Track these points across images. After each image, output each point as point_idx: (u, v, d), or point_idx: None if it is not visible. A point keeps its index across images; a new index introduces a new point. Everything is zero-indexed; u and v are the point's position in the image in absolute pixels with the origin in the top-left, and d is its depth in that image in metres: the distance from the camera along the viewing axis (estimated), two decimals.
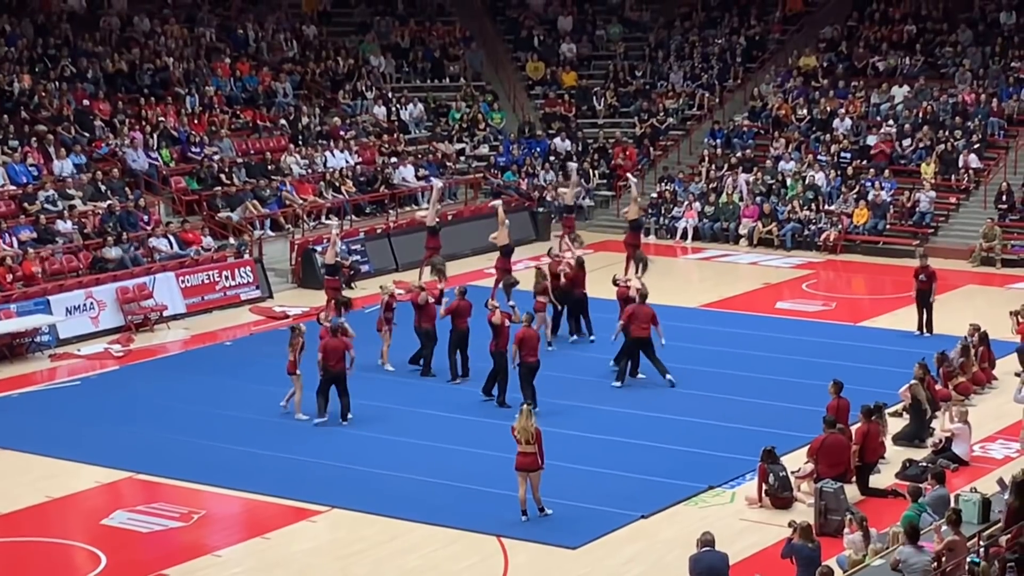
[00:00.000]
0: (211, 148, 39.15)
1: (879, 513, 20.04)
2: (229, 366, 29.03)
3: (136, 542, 20.52)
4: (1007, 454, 23.29)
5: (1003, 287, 35.07)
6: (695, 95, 46.77)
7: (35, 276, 32.10)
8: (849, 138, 43.03)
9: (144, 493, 22.29)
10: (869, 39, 46.22)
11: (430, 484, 22.26)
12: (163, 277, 33.46)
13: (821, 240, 39.94)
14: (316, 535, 20.76)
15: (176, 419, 25.65)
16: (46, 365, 29.95)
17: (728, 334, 30.80)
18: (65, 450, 24.05)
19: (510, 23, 50.15)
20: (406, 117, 45.25)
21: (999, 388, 26.67)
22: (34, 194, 34.94)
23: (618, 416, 25.18)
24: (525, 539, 20.19)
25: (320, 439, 24.42)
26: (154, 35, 42.89)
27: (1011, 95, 42.74)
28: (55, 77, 39.36)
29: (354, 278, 35.99)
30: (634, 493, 21.77)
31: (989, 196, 39.97)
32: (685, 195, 42.61)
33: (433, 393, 26.80)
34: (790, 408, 24.97)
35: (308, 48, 46.20)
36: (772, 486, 21.25)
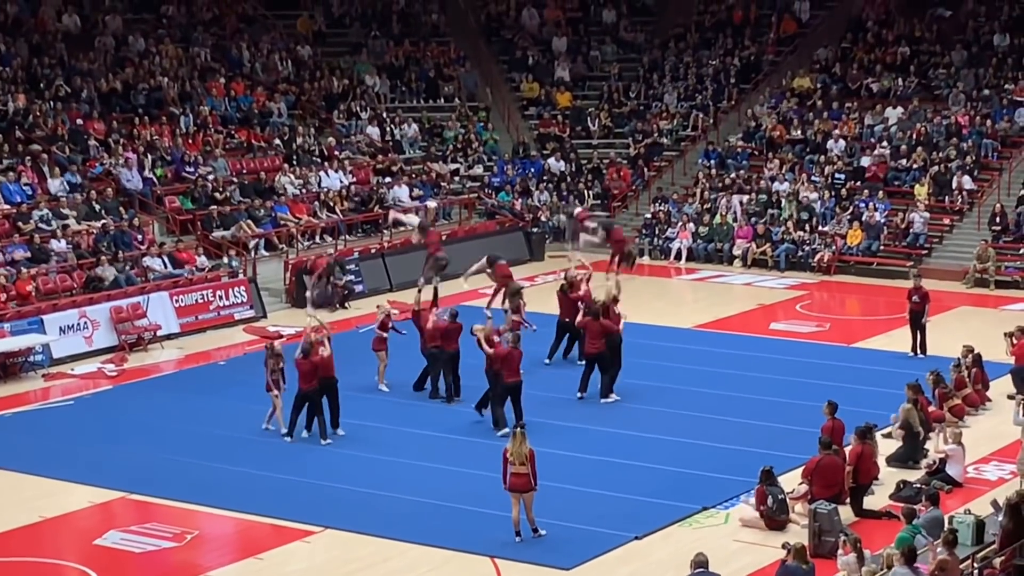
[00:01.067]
0: (205, 168, 39.18)
1: (873, 534, 20.03)
2: (223, 386, 29.02)
3: (129, 562, 20.48)
4: (1001, 476, 23.28)
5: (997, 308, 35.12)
6: (689, 116, 46.87)
7: (29, 295, 32.09)
8: (843, 159, 43.10)
9: (137, 513, 22.25)
10: (863, 61, 46.34)
11: (424, 504, 22.25)
12: (157, 297, 33.46)
13: (815, 261, 39.98)
14: (310, 555, 20.73)
15: (170, 439, 25.62)
16: (39, 384, 29.93)
17: (722, 355, 30.82)
18: (58, 470, 24.02)
19: (504, 44, 50.24)
20: (401, 137, 45.31)
21: (993, 409, 26.68)
22: (28, 213, 34.95)
23: (612, 436, 25.18)
24: (518, 560, 20.16)
25: (314, 459, 24.41)
26: (149, 55, 42.95)
27: (1004, 116, 42.84)
28: (50, 96, 39.41)
29: (348, 298, 36.03)
30: (628, 513, 21.75)
31: (983, 217, 40.03)
32: (679, 216, 42.67)
33: (427, 414, 26.78)
34: (784, 429, 24.98)
35: (303, 68, 46.27)
36: (770, 508, 21.23)
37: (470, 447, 24.78)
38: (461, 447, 24.88)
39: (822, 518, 20.28)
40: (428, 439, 25.37)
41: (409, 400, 27.67)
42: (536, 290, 36.29)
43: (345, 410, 25.54)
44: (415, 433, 25.67)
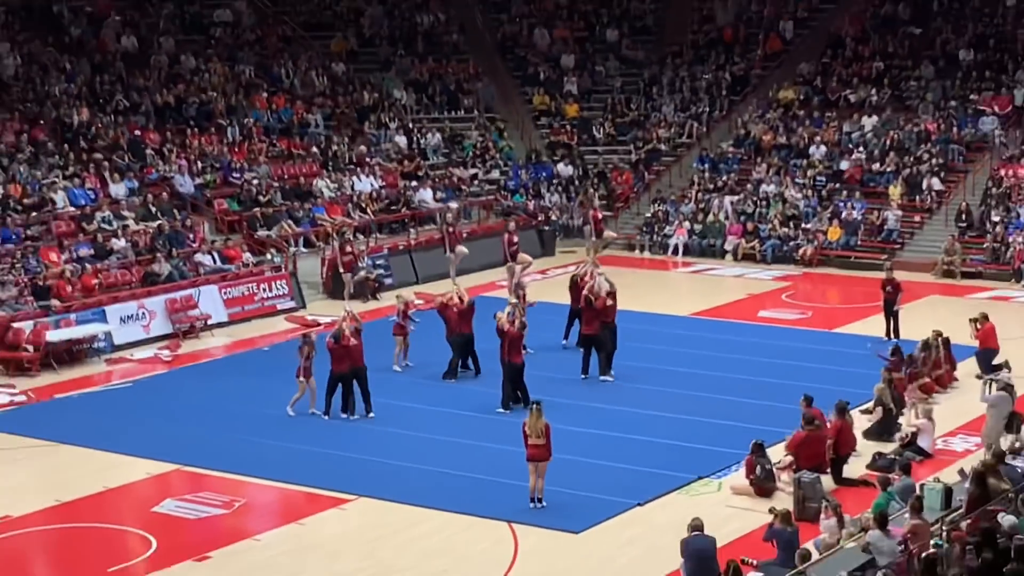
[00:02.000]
0: (250, 173, 39.22)
1: (852, 501, 20.03)
2: (267, 369, 29.07)
3: (183, 527, 20.57)
4: (967, 447, 23.28)
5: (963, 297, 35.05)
6: (685, 125, 46.79)
7: (93, 288, 32.16)
8: (824, 163, 43.03)
9: (191, 483, 22.33)
10: (841, 74, 46.23)
11: (448, 475, 22.28)
12: (207, 289, 33.51)
13: (799, 255, 39.93)
14: (346, 521, 20.78)
15: (219, 417, 25.70)
16: (102, 368, 30.02)
17: (715, 340, 30.81)
18: (120, 445, 24.12)
19: (518, 60, 50.19)
20: (425, 145, 45.31)
21: (959, 388, 26.65)
22: (92, 215, 35.03)
23: (616, 413, 25.20)
24: (533, 524, 20.20)
25: (350, 435, 24.46)
26: (199, 72, 43.00)
27: (969, 124, 42.73)
28: (110, 110, 39.49)
29: (378, 290, 36.08)
30: (631, 483, 21.78)
31: (950, 215, 39.95)
32: (676, 215, 42.64)
33: (450, 394, 26.82)
34: (771, 406, 24.96)
35: (337, 83, 46.28)
36: (758, 477, 21.25)
37: (489, 423, 24.81)
38: (481, 424, 24.90)
39: (806, 486, 20.29)
40: (452, 416, 25.40)
41: (431, 382, 27.69)
42: (548, 282, 36.32)
43: (376, 391, 25.57)
44: (440, 411, 25.71)
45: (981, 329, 27.60)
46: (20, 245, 33.01)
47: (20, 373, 29.04)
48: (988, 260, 38.11)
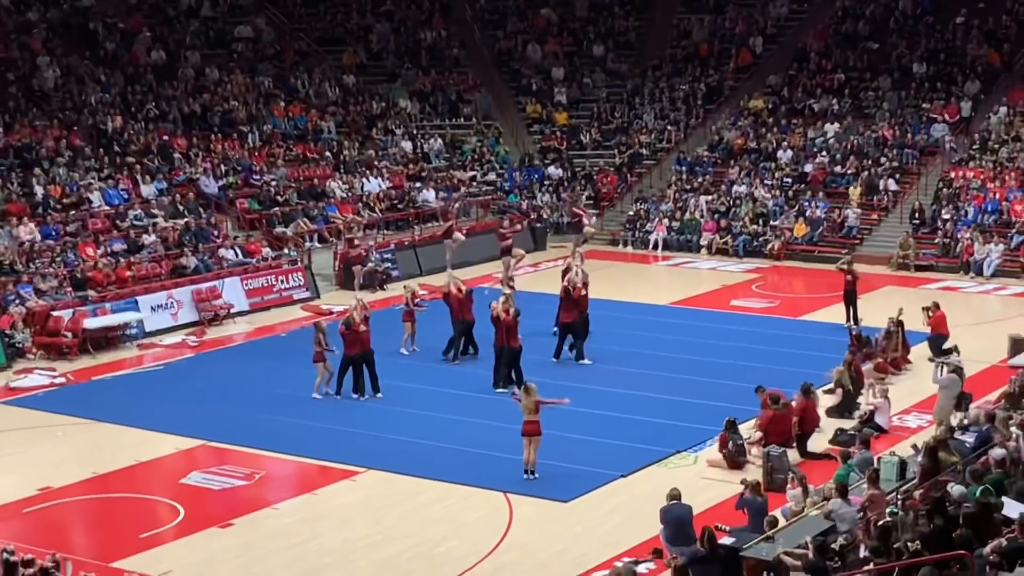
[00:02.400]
0: (269, 175, 39.15)
1: (816, 473, 20.03)
2: (284, 353, 29.04)
3: (208, 497, 20.57)
4: (920, 424, 23.29)
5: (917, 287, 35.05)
6: (664, 131, 46.73)
7: (126, 280, 32.13)
8: (790, 166, 43.00)
9: (215, 457, 22.32)
10: (806, 85, 46.16)
11: (449, 449, 22.28)
12: (230, 281, 33.46)
13: (767, 249, 39.90)
14: (356, 491, 20.77)
15: (241, 397, 25.68)
16: (134, 353, 29.98)
17: (692, 326, 30.80)
18: (150, 422, 24.10)
19: (513, 73, 50.10)
20: (428, 149, 45.24)
21: (913, 371, 26.65)
22: (125, 213, 34.97)
23: (602, 393, 25.17)
24: (526, 494, 20.20)
25: (360, 413, 24.44)
26: (222, 83, 42.89)
27: (922, 131, 42.69)
28: (141, 118, 39.37)
29: (386, 281, 36.05)
30: (615, 457, 21.78)
31: (904, 213, 39.93)
32: (656, 213, 42.59)
33: (451, 375, 26.79)
34: (742, 387, 24.80)
35: (348, 93, 46.18)
36: (731, 451, 21.24)
37: (485, 402, 24.79)
38: (478, 403, 24.88)
39: (774, 459, 20.30)
40: (451, 396, 25.36)
41: (434, 364, 27.67)
42: (540, 274, 36.28)
43: (384, 373, 25.54)
44: (442, 392, 25.67)
45: (933, 316, 27.61)
46: (59, 241, 32.96)
47: (60, 357, 29.01)
48: (939, 254, 38.09)
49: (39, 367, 28.32)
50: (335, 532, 19.15)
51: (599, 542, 18.46)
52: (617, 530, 18.92)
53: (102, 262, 32.23)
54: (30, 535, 18.62)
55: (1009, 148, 40.72)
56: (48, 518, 19.84)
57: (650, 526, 18.09)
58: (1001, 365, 26.41)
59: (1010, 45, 44.40)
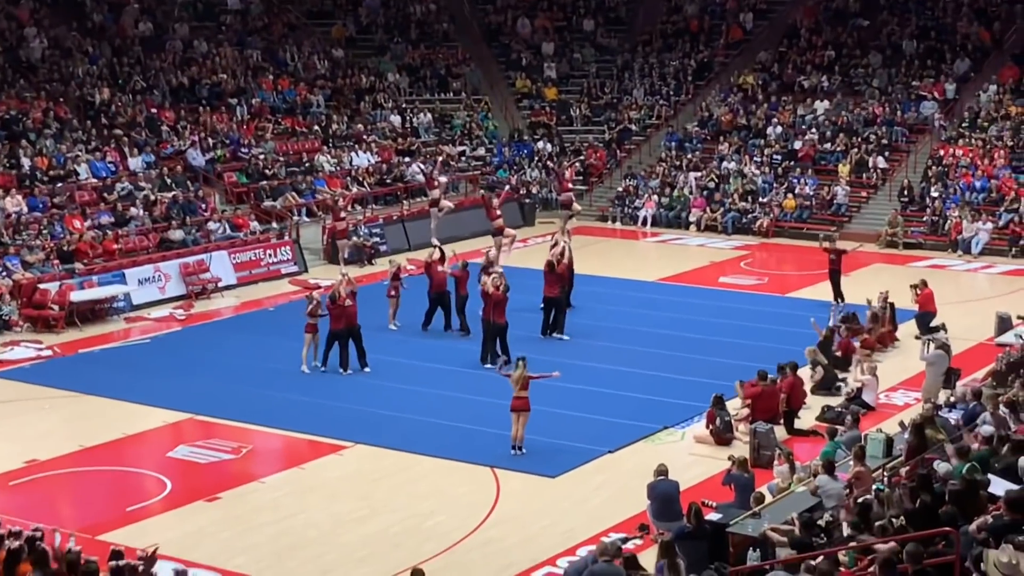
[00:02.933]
0: (257, 149, 39.04)
1: (802, 449, 20.10)
2: (272, 327, 29.03)
3: (195, 471, 20.57)
4: (907, 401, 23.35)
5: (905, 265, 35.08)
6: (654, 107, 46.67)
7: (113, 253, 32.07)
8: (780, 143, 42.98)
9: (202, 431, 22.32)
10: (796, 62, 46.12)
11: (436, 425, 22.29)
12: (218, 255, 33.41)
13: (756, 226, 39.92)
14: (343, 465, 20.80)
15: (228, 371, 25.66)
16: (122, 326, 29.93)
17: (680, 303, 30.83)
18: (137, 395, 24.09)
19: (503, 47, 49.97)
20: (417, 124, 45.13)
21: (900, 348, 26.72)
22: (112, 186, 34.86)
23: (590, 369, 25.18)
24: (514, 469, 20.23)
25: (347, 387, 24.43)
26: (210, 56, 42.72)
27: (911, 108, 42.70)
28: (129, 90, 39.22)
29: (374, 256, 36.01)
30: (602, 432, 21.81)
31: (893, 191, 39.96)
32: (645, 189, 42.57)
33: (437, 350, 26.77)
34: (730, 363, 24.96)
35: (337, 67, 46.03)
36: (717, 427, 21.28)
37: (473, 377, 24.80)
38: (466, 378, 24.89)
39: (761, 436, 20.34)
40: (439, 371, 25.36)
41: (422, 338, 27.67)
42: (529, 250, 36.25)
43: (371, 348, 25.52)
44: (428, 366, 25.67)
45: (921, 294, 27.67)
46: (47, 213, 32.86)
47: (47, 330, 28.95)
48: (927, 232, 38.15)
49: (26, 339, 28.27)
50: (322, 506, 19.16)
51: (586, 517, 18.50)
52: (604, 506, 18.96)
53: (89, 235, 32.14)
54: (16, 508, 18.59)
55: (998, 126, 40.76)
56: (34, 491, 19.82)
57: (637, 502, 18.14)
58: (988, 343, 26.50)
59: (1000, 23, 44.38)
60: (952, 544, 12.74)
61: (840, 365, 24.84)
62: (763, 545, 15.18)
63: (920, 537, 12.97)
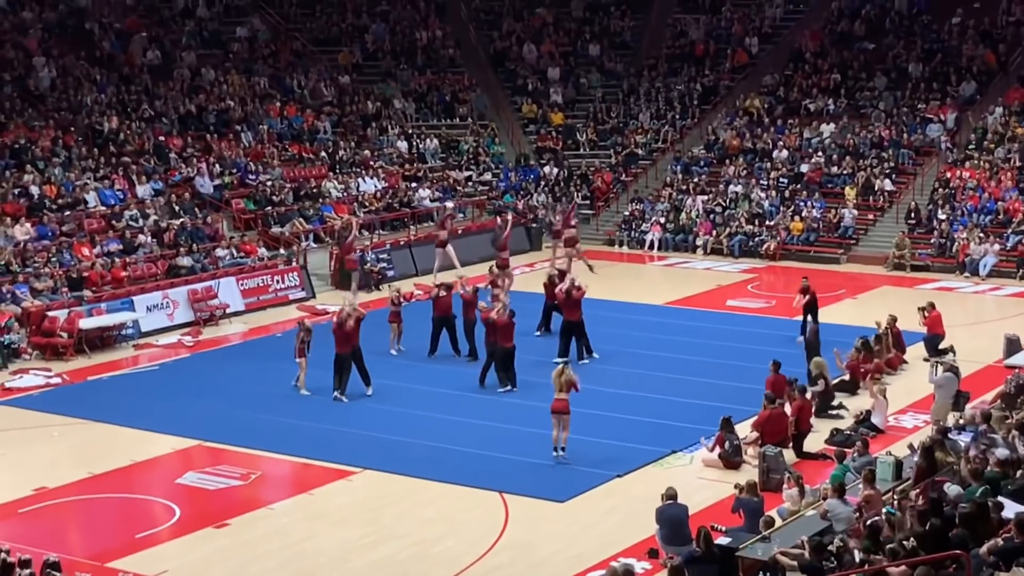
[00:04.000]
0: (265, 175, 39.13)
1: (812, 472, 20.05)
2: (280, 353, 28.93)
3: (204, 497, 20.54)
4: (916, 424, 23.29)
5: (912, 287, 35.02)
6: (660, 131, 46.74)
7: (122, 280, 32.10)
8: (786, 166, 43.01)
9: (211, 457, 22.30)
10: (802, 85, 46.19)
11: (444, 449, 22.26)
12: (226, 281, 33.44)
13: (763, 250, 39.91)
14: (352, 491, 20.76)
15: (237, 397, 25.66)
16: (130, 353, 29.95)
17: (687, 326, 30.80)
18: (146, 422, 24.09)
19: (509, 73, 50.11)
20: (424, 149, 45.23)
21: (909, 370, 26.65)
22: (120, 213, 34.94)
23: (598, 393, 25.06)
24: (522, 494, 20.19)
25: (354, 413, 24.41)
26: (218, 83, 42.87)
27: (917, 131, 42.72)
28: (137, 118, 39.34)
29: (381, 281, 36.04)
30: (611, 456, 21.77)
31: (900, 213, 39.95)
32: (652, 213, 42.59)
33: (444, 375, 26.75)
34: (738, 387, 24.95)
35: (343, 93, 46.16)
36: (727, 451, 21.23)
37: (481, 402, 24.78)
38: (473, 402, 24.87)
39: (770, 459, 20.29)
40: (446, 396, 25.34)
41: (428, 364, 27.65)
42: (535, 274, 36.24)
43: (378, 373, 25.52)
44: (436, 391, 25.65)
45: (928, 316, 27.62)
46: (55, 241, 32.93)
47: (56, 357, 28.97)
48: (935, 254, 38.11)
49: (35, 367, 28.29)
50: (331, 532, 19.12)
51: (595, 542, 18.45)
52: (613, 530, 18.89)
53: (98, 262, 32.18)
54: (26, 536, 18.57)
55: (1005, 148, 40.76)
56: (45, 518, 19.81)
57: (646, 526, 18.08)
58: (997, 365, 26.44)
59: (1006, 46, 44.44)
60: (963, 567, 12.70)
61: (848, 388, 24.78)
62: (773, 569, 15.15)
63: (931, 560, 12.93)
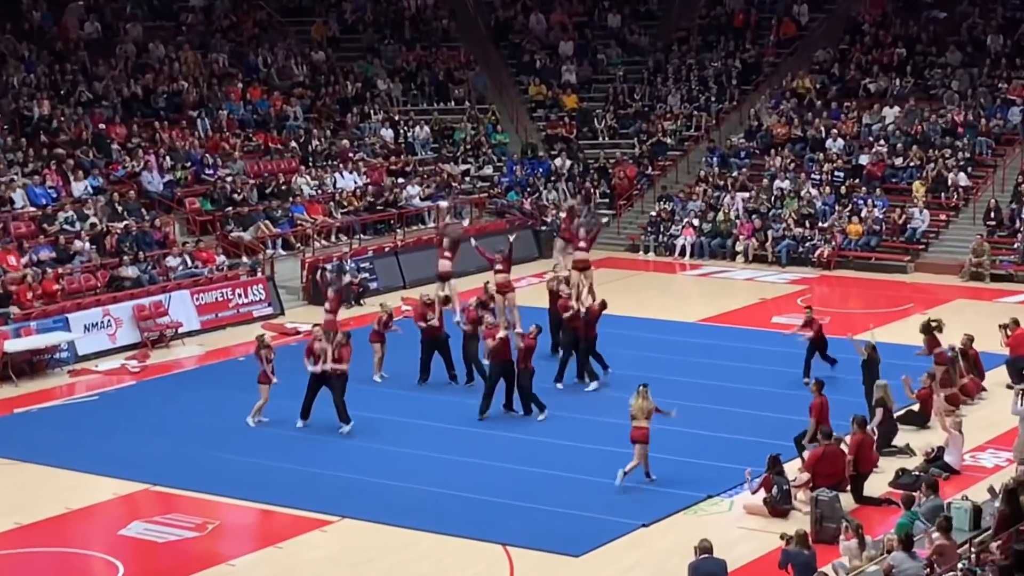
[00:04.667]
0: (224, 170, 39.20)
1: (873, 521, 20.03)
2: (242, 381, 28.90)
3: (153, 552, 20.51)
4: (997, 463, 23.27)
5: (992, 301, 35.01)
6: (692, 116, 46.84)
7: (54, 294, 32.12)
8: (842, 157, 43.07)
9: (160, 504, 22.30)
10: (860, 62, 46.28)
11: (436, 494, 22.26)
12: (178, 295, 33.48)
13: (815, 256, 39.94)
14: (328, 544, 20.75)
15: (191, 432, 25.66)
16: (65, 381, 29.96)
17: (725, 348, 30.80)
18: (84, 463, 24.06)
19: (513, 47, 50.22)
20: (413, 139, 45.31)
21: (988, 399, 26.65)
22: (53, 215, 34.98)
23: (618, 427, 25.09)
24: (530, 547, 20.18)
25: (329, 451, 24.43)
26: (168, 61, 42.98)
27: (997, 115, 42.78)
28: (73, 102, 39.44)
29: (363, 295, 36.05)
30: (635, 502, 21.77)
31: (978, 213, 40.00)
32: (683, 213, 42.64)
33: (432, 406, 26.76)
34: (786, 419, 24.87)
35: (317, 73, 46.28)
36: (774, 497, 21.21)
37: (478, 438, 24.79)
38: (470, 438, 24.88)
39: (824, 505, 20.27)
40: (437, 430, 25.36)
41: (412, 392, 27.68)
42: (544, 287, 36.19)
43: (355, 403, 25.53)
44: (424, 424, 25.67)
45: (1012, 335, 27.61)
46: None
47: None
48: (1019, 261, 38.16)
49: None
50: None
51: None
52: None
53: (26, 273, 32.21)
54: None
55: None
56: None
57: None
58: None
59: None
60: None
61: (917, 421, 24.79)
62: None
63: None
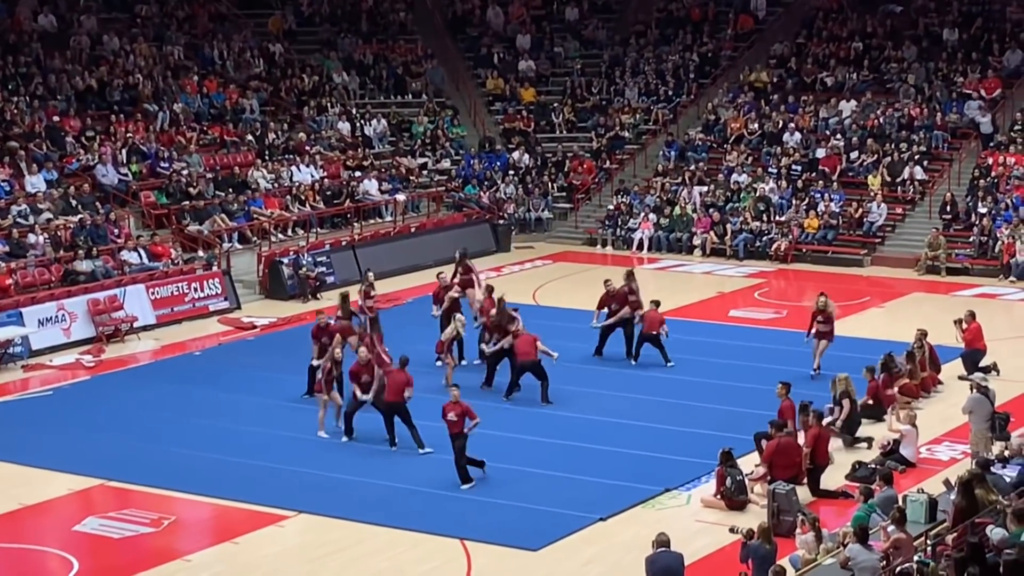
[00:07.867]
0: (179, 163, 39.03)
1: (830, 514, 20.10)
2: (198, 376, 28.92)
3: (108, 548, 20.43)
4: (953, 456, 23.38)
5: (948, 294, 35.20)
6: (650, 110, 46.90)
7: (7, 288, 31.93)
8: (799, 151, 43.20)
9: (115, 500, 22.19)
10: (817, 55, 46.44)
11: (394, 489, 22.24)
12: (133, 289, 33.33)
13: (772, 250, 40.05)
14: (284, 539, 20.71)
15: (146, 427, 25.56)
16: (19, 376, 29.80)
17: (683, 341, 30.74)
18: (38, 458, 23.94)
19: (470, 41, 50.18)
20: (370, 132, 45.22)
21: (944, 393, 26.78)
22: (6, 209, 34.77)
23: (576, 421, 25.17)
24: (487, 541, 20.19)
25: (287, 446, 24.36)
26: (123, 53, 42.73)
27: (953, 109, 42.98)
28: (26, 94, 39.17)
29: (319, 289, 35.97)
30: (593, 496, 21.78)
31: (934, 207, 40.18)
32: (640, 207, 42.68)
33: None
34: (743, 412, 24.97)
35: (274, 66, 46.11)
36: (729, 489, 21.29)
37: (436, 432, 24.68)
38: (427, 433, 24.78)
39: (780, 498, 20.33)
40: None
41: None
42: (503, 279, 36.24)
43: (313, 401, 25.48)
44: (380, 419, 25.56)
45: (967, 329, 27.75)
46: None
47: None
48: (974, 255, 38.33)
49: None
50: None
51: None
52: None
53: None
54: None
55: None
56: None
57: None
58: None
59: None
60: None
61: (872, 414, 24.89)
62: None
63: None
